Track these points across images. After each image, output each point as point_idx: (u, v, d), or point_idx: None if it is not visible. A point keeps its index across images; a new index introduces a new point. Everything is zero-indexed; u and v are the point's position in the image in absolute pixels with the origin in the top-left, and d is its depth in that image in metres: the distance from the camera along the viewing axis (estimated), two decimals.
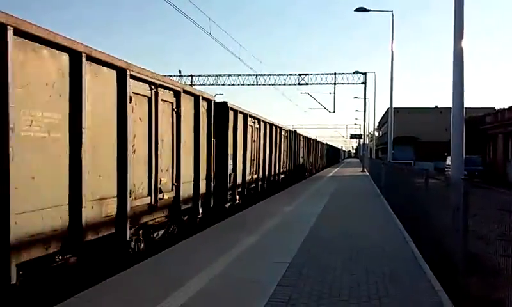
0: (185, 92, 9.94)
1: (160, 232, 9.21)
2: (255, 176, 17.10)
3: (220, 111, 12.77)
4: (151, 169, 8.36)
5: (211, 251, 8.19)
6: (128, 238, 7.46)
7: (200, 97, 10.80)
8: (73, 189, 6.04)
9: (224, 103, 13.28)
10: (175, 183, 9.42)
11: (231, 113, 13.60)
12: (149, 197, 8.30)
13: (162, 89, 8.70)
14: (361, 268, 7.30)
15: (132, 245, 7.99)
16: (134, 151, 7.66)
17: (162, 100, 8.69)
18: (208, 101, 11.56)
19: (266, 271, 7.09)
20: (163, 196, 8.81)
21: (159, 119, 8.54)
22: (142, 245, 8.37)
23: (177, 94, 9.48)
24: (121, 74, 7.23)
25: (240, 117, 14.55)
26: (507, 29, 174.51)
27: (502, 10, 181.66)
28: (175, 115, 9.40)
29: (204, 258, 7.68)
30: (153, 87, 8.39)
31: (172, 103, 9.29)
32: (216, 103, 12.39)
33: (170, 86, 9.21)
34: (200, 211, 10.78)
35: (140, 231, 8.22)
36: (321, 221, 12.22)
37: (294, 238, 9.59)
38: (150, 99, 8.28)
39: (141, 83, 7.95)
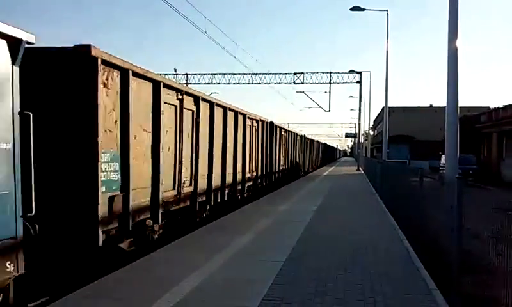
0: (260, 120, 18.55)
1: (245, 194, 17.70)
2: (284, 166, 25.96)
3: (269, 127, 21.28)
4: (244, 161, 16.81)
5: (209, 249, 8.42)
6: (241, 192, 15.98)
7: (264, 121, 19.41)
8: (223, 168, 14.38)
9: (272, 122, 21.78)
10: (254, 168, 17.99)
11: (275, 127, 22.18)
12: (248, 174, 16.83)
13: (253, 120, 17.33)
14: (356, 267, 7.42)
15: (239, 198, 16.42)
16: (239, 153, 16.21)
17: (253, 126, 17.31)
18: (265, 122, 20.11)
19: (262, 268, 7.26)
20: (252, 174, 17.38)
21: (253, 135, 17.17)
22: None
23: (257, 121, 18.07)
24: (243, 115, 15.81)
25: (278, 129, 23.17)
26: (501, 28, 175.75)
27: (497, 10, 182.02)
28: (256, 132, 17.95)
29: (201, 256, 7.85)
30: (250, 119, 16.93)
31: (255, 126, 17.84)
32: (268, 122, 20.95)
33: (254, 117, 17.80)
34: (264, 184, 19.45)
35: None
36: (317, 219, 12.77)
37: (291, 237, 9.89)
38: (250, 126, 16.87)
39: (248, 118, 16.48)
